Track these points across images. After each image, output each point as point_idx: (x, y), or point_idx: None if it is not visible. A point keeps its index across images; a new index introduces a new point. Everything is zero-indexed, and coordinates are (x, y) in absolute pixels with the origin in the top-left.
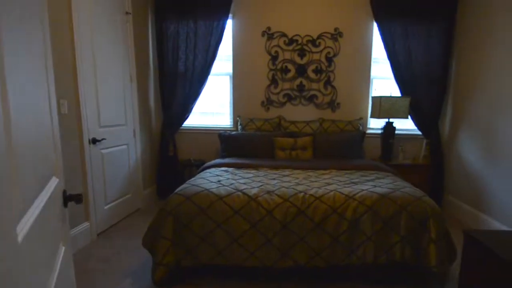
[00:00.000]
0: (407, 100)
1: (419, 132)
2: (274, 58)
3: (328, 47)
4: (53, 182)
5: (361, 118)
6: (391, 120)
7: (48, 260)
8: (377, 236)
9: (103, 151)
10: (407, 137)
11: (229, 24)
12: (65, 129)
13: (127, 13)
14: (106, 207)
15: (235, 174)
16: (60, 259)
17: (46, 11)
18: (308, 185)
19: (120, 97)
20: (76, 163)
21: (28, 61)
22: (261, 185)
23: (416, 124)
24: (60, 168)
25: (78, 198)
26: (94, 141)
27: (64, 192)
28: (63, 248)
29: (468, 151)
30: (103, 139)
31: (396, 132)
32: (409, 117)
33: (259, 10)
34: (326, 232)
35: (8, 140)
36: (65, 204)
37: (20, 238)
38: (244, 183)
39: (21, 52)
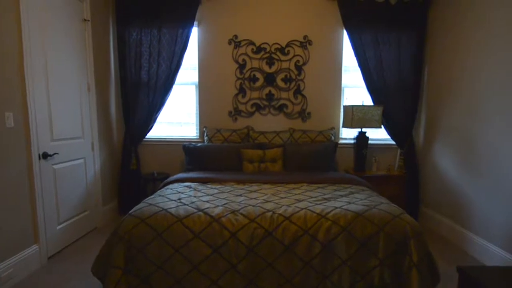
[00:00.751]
0: (380, 109)
1: (393, 142)
2: (241, 66)
3: (298, 55)
4: None
5: (332, 128)
6: (363, 129)
7: None
8: (353, 260)
9: (55, 166)
10: (381, 147)
11: (195, 32)
12: (11, 144)
13: (85, 20)
14: (58, 227)
15: (198, 191)
16: None
17: None
18: (277, 203)
19: (76, 108)
20: (23, 180)
21: None
22: (225, 203)
23: (390, 133)
24: None
25: None
26: (45, 155)
27: None
28: None
29: (444, 161)
30: (55, 153)
31: (369, 142)
32: (382, 126)
33: (226, 17)
34: (297, 256)
35: None
36: None
37: None
38: (207, 201)
39: None
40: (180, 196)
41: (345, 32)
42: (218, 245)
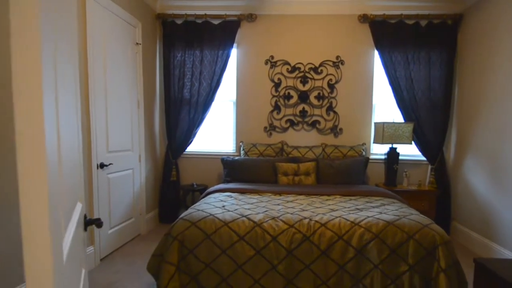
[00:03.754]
0: (410, 126)
1: (423, 158)
2: (277, 85)
3: (330, 74)
4: (79, 207)
5: (364, 144)
6: (394, 145)
7: (77, 283)
8: (384, 264)
9: (109, 175)
10: (412, 163)
11: (234, 52)
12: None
13: (137, 43)
14: (110, 232)
15: (239, 200)
16: (82, 282)
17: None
18: (312, 211)
19: (127, 124)
20: (84, 187)
21: (65, 99)
22: (265, 211)
23: (420, 149)
24: (83, 194)
25: (98, 223)
26: (101, 165)
27: (85, 216)
28: (83, 271)
29: (475, 178)
30: (110, 164)
31: (400, 157)
32: (413, 142)
33: (263, 39)
34: (332, 260)
35: (60, 169)
36: (85, 228)
37: (64, 258)
38: (249, 209)
39: (61, 91)
40: (223, 204)
41: (376, 52)
42: (260, 247)
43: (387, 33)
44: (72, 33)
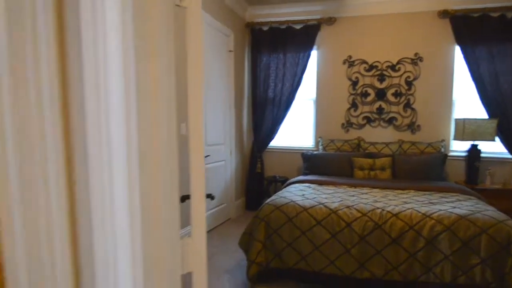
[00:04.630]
0: (494, 122)
1: (509, 156)
2: (354, 83)
3: (408, 71)
4: None
5: (443, 140)
6: (476, 142)
7: None
8: (455, 256)
9: (207, 165)
10: (496, 161)
11: (314, 54)
12: (183, 147)
13: (230, 51)
14: (207, 214)
15: (317, 190)
16: None
17: None
18: (385, 203)
19: (221, 121)
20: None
21: None
22: (341, 200)
23: (507, 147)
24: None
25: (212, 196)
26: None
27: None
28: None
29: None
30: (207, 155)
31: (483, 155)
32: (497, 139)
33: (341, 41)
34: (403, 248)
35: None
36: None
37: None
38: (326, 198)
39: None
40: (303, 192)
41: (456, 47)
42: (335, 232)
43: (469, 28)
44: None
